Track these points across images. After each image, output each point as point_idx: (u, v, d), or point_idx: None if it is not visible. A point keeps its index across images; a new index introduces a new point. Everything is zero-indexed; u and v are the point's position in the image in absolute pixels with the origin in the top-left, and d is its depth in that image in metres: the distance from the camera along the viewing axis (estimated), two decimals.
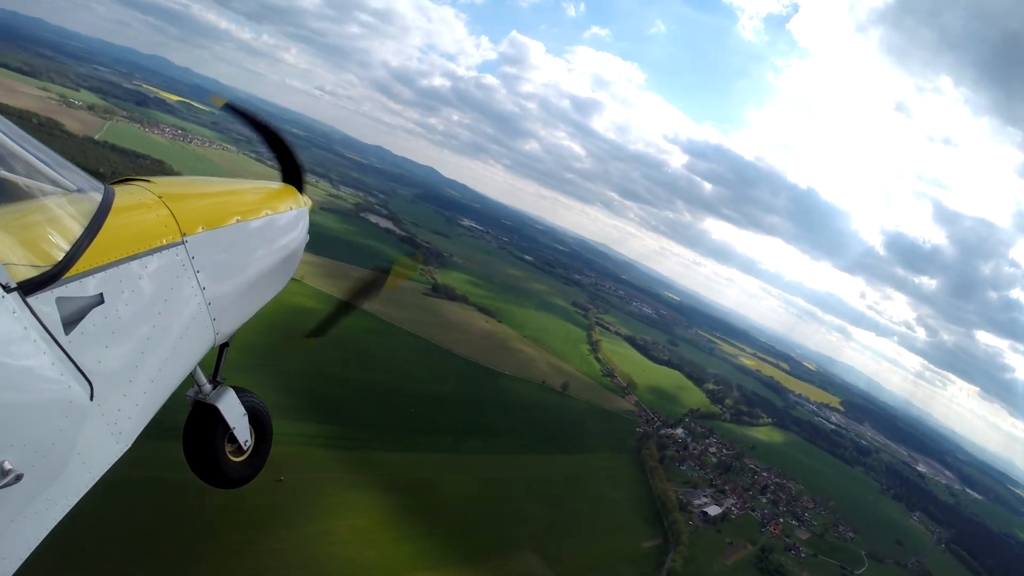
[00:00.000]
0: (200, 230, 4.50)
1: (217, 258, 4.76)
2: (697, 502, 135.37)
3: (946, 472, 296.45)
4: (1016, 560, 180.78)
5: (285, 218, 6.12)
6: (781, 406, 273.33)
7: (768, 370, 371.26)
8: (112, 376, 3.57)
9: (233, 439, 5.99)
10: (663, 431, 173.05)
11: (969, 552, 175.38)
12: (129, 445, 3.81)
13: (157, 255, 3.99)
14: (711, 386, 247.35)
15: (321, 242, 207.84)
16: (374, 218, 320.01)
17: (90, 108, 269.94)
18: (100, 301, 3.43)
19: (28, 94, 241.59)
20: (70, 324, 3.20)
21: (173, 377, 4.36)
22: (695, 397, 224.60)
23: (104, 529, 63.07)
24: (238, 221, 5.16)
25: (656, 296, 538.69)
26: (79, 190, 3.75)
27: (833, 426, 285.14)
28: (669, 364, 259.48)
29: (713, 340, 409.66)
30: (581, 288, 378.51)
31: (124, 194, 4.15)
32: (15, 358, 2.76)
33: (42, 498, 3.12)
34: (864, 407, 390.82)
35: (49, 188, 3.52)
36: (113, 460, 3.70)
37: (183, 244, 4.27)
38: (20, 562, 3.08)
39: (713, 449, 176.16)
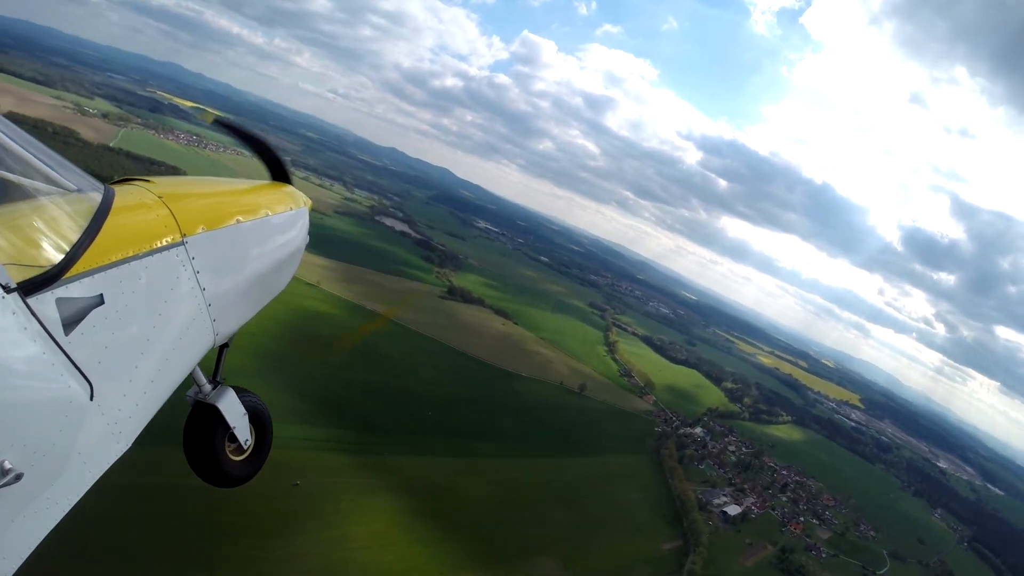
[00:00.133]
0: (200, 230, 4.49)
1: (217, 258, 4.72)
2: (716, 502, 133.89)
3: (967, 468, 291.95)
4: None
5: (285, 218, 6.06)
6: (800, 404, 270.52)
7: (786, 368, 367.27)
8: (112, 376, 3.55)
9: (233, 439, 5.98)
10: (682, 430, 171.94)
11: (991, 549, 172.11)
12: (129, 445, 3.77)
13: (157, 255, 4.00)
14: (729, 385, 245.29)
15: (336, 246, 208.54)
16: (389, 221, 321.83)
17: (104, 116, 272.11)
18: (100, 301, 3.41)
19: (42, 103, 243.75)
20: (70, 324, 3.19)
21: (173, 377, 4.37)
22: (713, 396, 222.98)
23: (121, 535, 63.31)
24: (238, 221, 5.09)
25: (673, 296, 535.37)
26: (79, 190, 3.75)
27: (853, 423, 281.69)
28: (687, 363, 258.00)
29: (731, 339, 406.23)
30: (597, 289, 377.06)
31: (124, 194, 4.17)
32: (15, 358, 2.76)
33: (42, 498, 3.11)
34: (884, 404, 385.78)
35: (49, 188, 3.51)
36: (113, 460, 3.65)
37: (183, 244, 4.28)
38: (20, 562, 3.06)
39: (732, 448, 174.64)
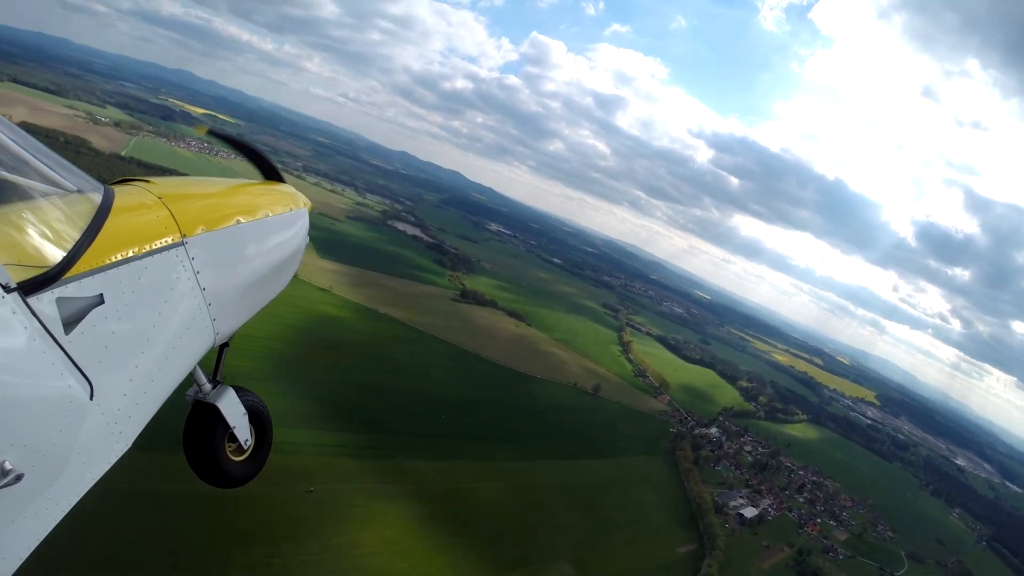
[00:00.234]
0: (200, 230, 4.50)
1: (217, 258, 4.73)
2: (733, 504, 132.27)
3: (985, 465, 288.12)
4: None
5: (285, 218, 6.03)
6: (816, 402, 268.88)
7: (802, 366, 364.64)
8: (112, 376, 3.56)
9: (233, 438, 5.94)
10: (697, 431, 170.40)
11: (1010, 549, 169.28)
12: (129, 445, 3.80)
13: (157, 256, 4.01)
14: (744, 384, 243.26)
15: (347, 250, 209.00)
16: (401, 225, 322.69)
17: (116, 124, 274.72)
18: (100, 301, 3.42)
19: (55, 112, 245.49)
20: (70, 324, 3.21)
21: (173, 377, 4.39)
22: (728, 395, 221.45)
23: (134, 542, 63.25)
24: (238, 221, 5.11)
25: (686, 295, 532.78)
26: (79, 190, 3.76)
27: (869, 421, 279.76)
28: (701, 363, 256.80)
29: (745, 338, 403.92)
30: (611, 289, 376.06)
31: (124, 195, 4.17)
32: (15, 358, 2.78)
33: (43, 498, 3.14)
34: (900, 401, 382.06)
35: (49, 188, 3.51)
36: (114, 460, 3.69)
37: (183, 244, 4.29)
38: (20, 562, 3.07)
39: (748, 448, 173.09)
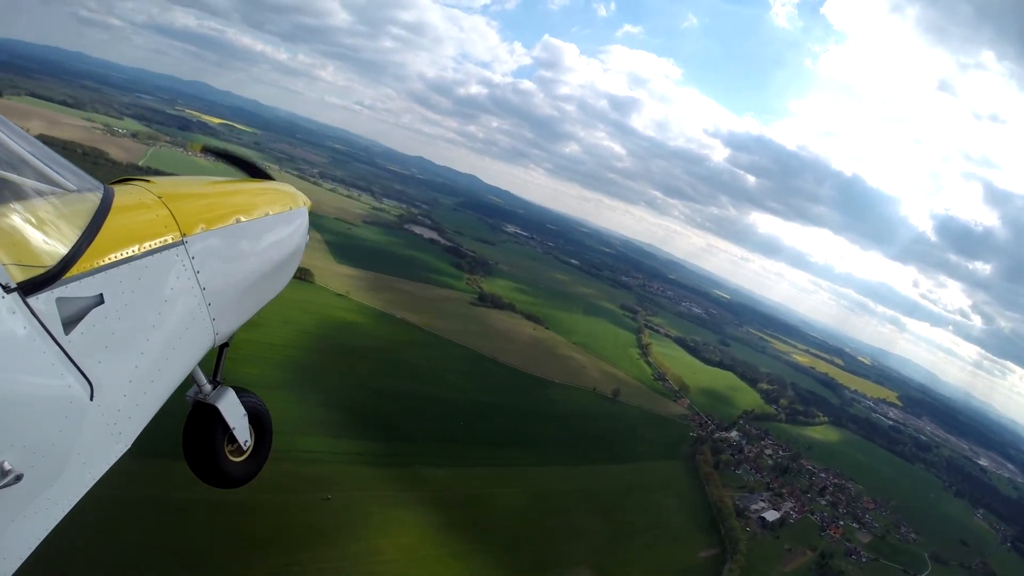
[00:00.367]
0: (200, 230, 4.48)
1: (217, 258, 4.72)
2: (754, 507, 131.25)
3: (1009, 465, 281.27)
4: None
5: (285, 218, 5.98)
6: (837, 403, 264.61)
7: (822, 366, 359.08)
8: (112, 376, 3.55)
9: (233, 439, 5.90)
10: (717, 435, 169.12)
11: None
12: (129, 445, 3.78)
13: (157, 255, 3.99)
14: (765, 386, 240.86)
15: (364, 255, 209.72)
16: (418, 229, 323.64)
17: (134, 135, 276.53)
18: (100, 301, 3.41)
19: (73, 125, 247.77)
20: (70, 324, 3.20)
21: (173, 377, 4.38)
22: (749, 398, 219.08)
23: (149, 550, 63.34)
24: (238, 221, 5.08)
25: (705, 295, 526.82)
26: (79, 190, 3.74)
27: (891, 422, 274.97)
28: (721, 365, 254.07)
29: (765, 338, 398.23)
30: (629, 290, 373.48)
31: (124, 194, 4.16)
32: (15, 358, 2.77)
33: (42, 498, 3.13)
34: (922, 401, 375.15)
35: (49, 188, 3.50)
36: (113, 460, 3.67)
37: (183, 244, 4.27)
38: (20, 562, 3.07)
39: (769, 451, 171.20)
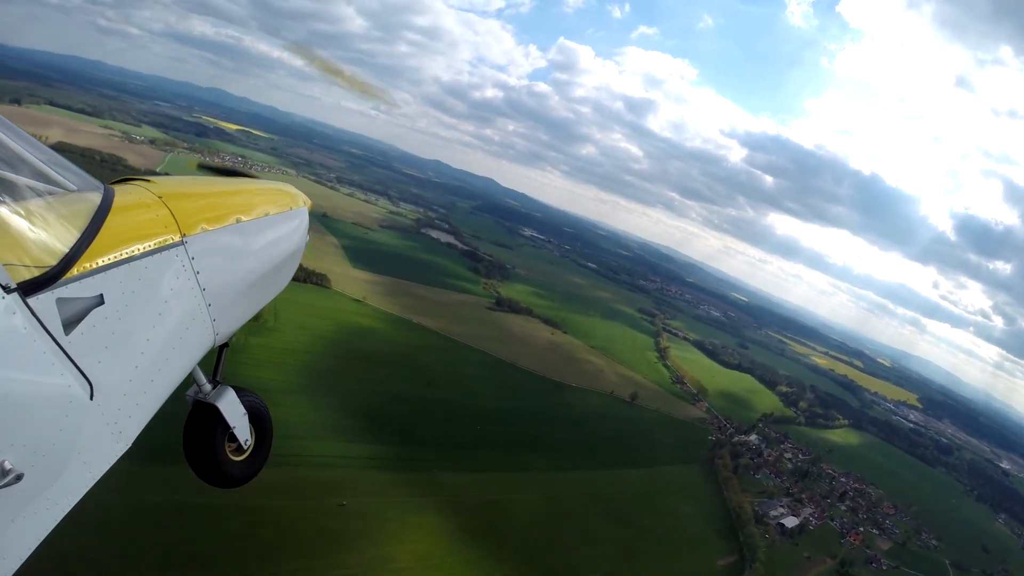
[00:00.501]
0: (200, 230, 4.49)
1: (217, 258, 4.72)
2: (773, 513, 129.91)
3: None
4: None
5: (285, 218, 6.00)
6: (857, 406, 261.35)
7: (841, 368, 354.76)
8: (112, 376, 3.55)
9: (233, 438, 5.92)
10: (736, 438, 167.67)
11: None
12: (129, 444, 3.80)
13: (157, 255, 3.99)
14: (784, 388, 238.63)
15: (381, 260, 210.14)
16: (435, 233, 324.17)
17: (151, 142, 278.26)
18: (100, 302, 3.41)
19: (91, 132, 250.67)
20: (70, 324, 3.20)
21: (173, 377, 4.39)
22: (768, 401, 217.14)
23: (163, 556, 63.74)
24: (238, 221, 5.09)
25: (723, 297, 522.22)
26: (79, 190, 3.74)
27: (912, 424, 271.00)
28: (739, 368, 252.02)
29: (784, 340, 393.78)
30: (646, 294, 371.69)
31: (124, 194, 4.16)
32: (15, 358, 2.77)
33: (42, 498, 3.13)
34: (943, 403, 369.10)
35: (49, 188, 3.50)
36: (114, 460, 3.68)
37: (183, 244, 4.27)
38: (20, 562, 3.07)
39: (788, 455, 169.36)
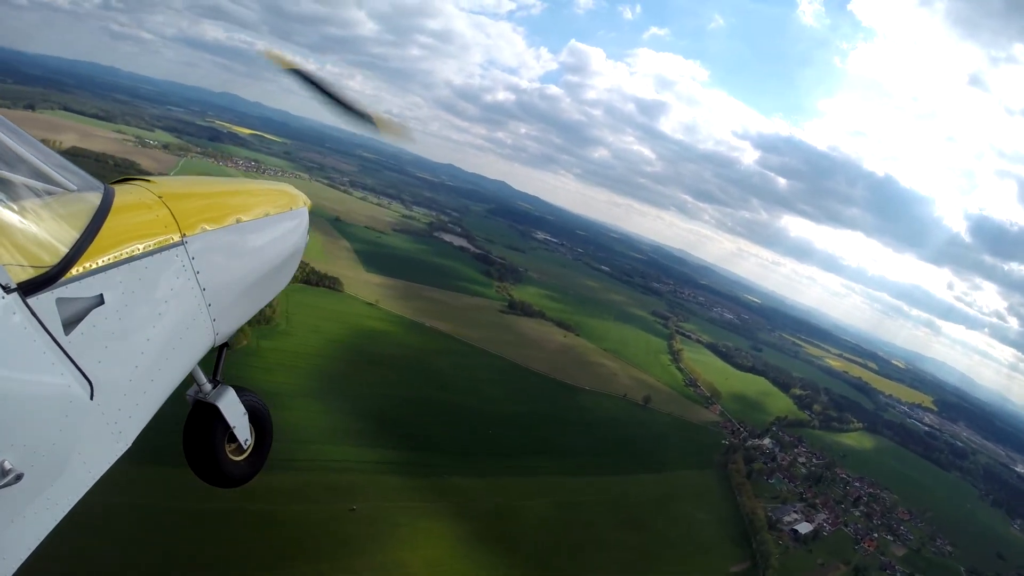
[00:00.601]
0: (200, 230, 4.49)
1: (217, 258, 4.72)
2: (787, 519, 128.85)
3: None
4: None
5: (285, 218, 5.98)
6: (871, 409, 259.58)
7: (856, 371, 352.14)
8: (112, 376, 3.55)
9: (233, 438, 5.91)
10: (750, 442, 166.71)
11: None
12: (129, 444, 3.80)
13: (157, 255, 3.99)
14: (798, 391, 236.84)
15: (394, 264, 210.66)
16: (448, 236, 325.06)
17: (165, 147, 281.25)
18: (100, 301, 3.41)
19: (105, 137, 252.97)
20: (70, 324, 3.19)
21: (173, 377, 4.40)
22: (782, 404, 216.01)
23: (173, 561, 64.04)
24: (238, 221, 5.08)
25: (736, 300, 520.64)
26: (79, 190, 3.75)
27: (927, 428, 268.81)
28: (753, 370, 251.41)
29: (797, 343, 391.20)
30: (660, 296, 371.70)
31: (124, 194, 4.16)
32: (15, 358, 2.76)
33: (42, 498, 3.13)
34: (958, 405, 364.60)
35: (49, 188, 3.51)
36: (113, 460, 3.68)
37: (183, 244, 4.27)
38: (20, 562, 3.07)
39: (802, 459, 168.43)
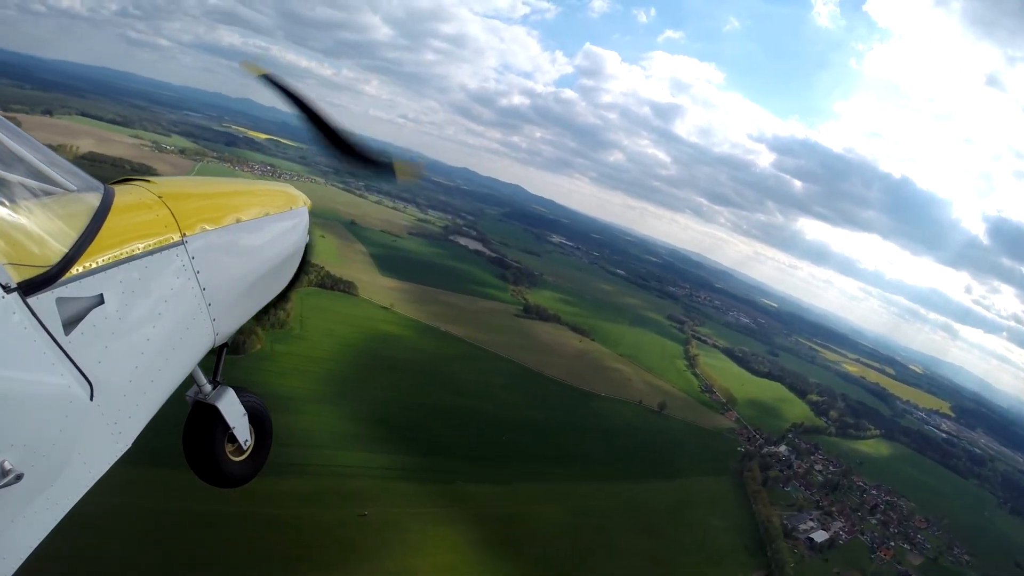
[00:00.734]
0: (200, 230, 4.46)
1: (217, 258, 4.68)
2: (803, 527, 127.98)
3: None
4: None
5: (285, 218, 5.96)
6: (888, 415, 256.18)
7: (873, 376, 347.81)
8: (112, 376, 3.53)
9: (233, 439, 5.92)
10: (766, 449, 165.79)
11: None
12: (129, 445, 3.79)
13: (157, 255, 3.96)
14: (814, 397, 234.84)
15: (409, 267, 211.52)
16: (463, 240, 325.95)
17: (181, 152, 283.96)
18: (100, 301, 3.39)
19: (121, 142, 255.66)
20: (70, 324, 3.18)
21: (173, 377, 4.39)
22: (798, 410, 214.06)
23: (180, 564, 64.48)
24: (238, 221, 5.05)
25: (753, 304, 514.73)
26: (79, 190, 3.73)
27: (944, 434, 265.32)
28: (769, 376, 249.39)
29: (814, 347, 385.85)
30: (675, 300, 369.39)
31: (124, 194, 4.14)
32: (15, 358, 2.75)
33: (42, 498, 3.12)
34: (976, 411, 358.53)
35: (49, 188, 3.50)
36: (113, 460, 3.67)
37: (183, 244, 4.25)
38: (20, 562, 3.06)
39: (819, 467, 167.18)
